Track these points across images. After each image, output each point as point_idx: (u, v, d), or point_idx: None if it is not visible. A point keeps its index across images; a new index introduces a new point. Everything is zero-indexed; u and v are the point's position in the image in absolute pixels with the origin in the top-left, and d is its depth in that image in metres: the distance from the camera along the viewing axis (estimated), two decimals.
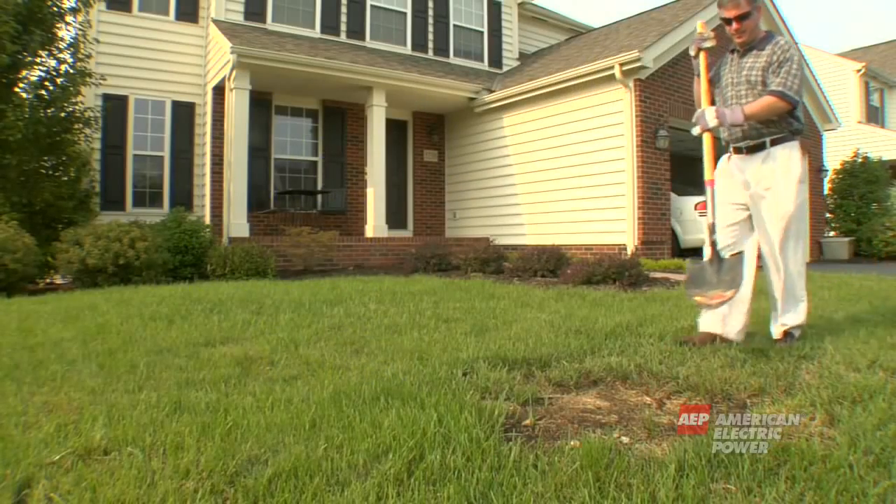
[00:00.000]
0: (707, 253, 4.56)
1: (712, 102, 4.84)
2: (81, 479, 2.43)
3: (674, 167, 13.58)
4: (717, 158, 4.82)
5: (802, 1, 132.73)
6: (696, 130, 4.69)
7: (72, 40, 12.53)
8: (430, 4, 17.67)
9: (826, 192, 20.78)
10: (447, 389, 3.46)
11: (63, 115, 12.13)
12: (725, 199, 4.83)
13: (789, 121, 4.65)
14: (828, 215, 20.84)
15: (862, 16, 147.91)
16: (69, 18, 12.51)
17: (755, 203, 4.70)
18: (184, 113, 14.90)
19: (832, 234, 20.68)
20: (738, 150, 4.83)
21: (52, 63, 12.26)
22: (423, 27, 17.61)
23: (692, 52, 4.85)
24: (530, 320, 5.97)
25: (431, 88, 15.53)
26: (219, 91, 14.11)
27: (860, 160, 21.41)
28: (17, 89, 11.60)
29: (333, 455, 2.59)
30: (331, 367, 4.18)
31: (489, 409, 3.10)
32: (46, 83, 12.02)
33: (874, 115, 29.49)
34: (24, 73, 11.69)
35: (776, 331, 4.76)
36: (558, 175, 14.56)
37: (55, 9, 12.10)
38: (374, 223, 14.59)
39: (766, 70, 4.61)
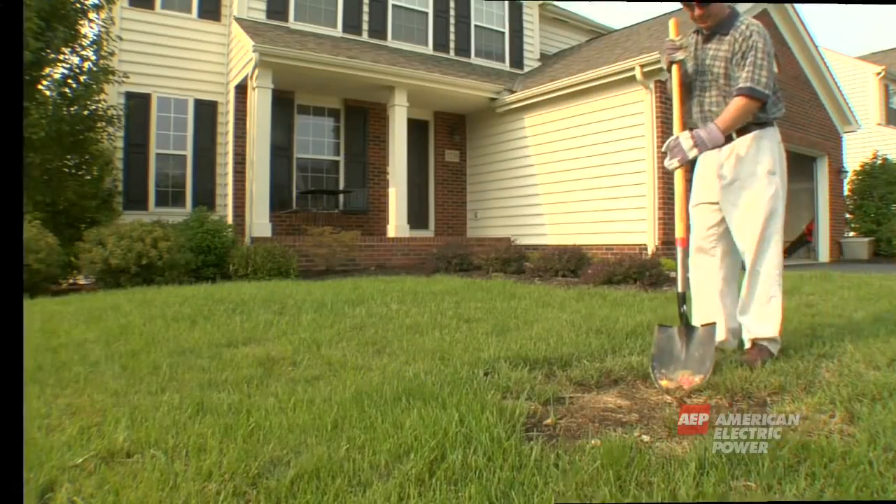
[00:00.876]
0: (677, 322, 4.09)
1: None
2: (104, 482, 2.43)
3: (694, 167, 13.41)
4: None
5: (823, 5, 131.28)
6: (672, 164, 4.18)
7: (95, 37, 12.47)
8: (452, 4, 17.56)
9: (846, 192, 20.69)
10: (469, 389, 3.46)
11: (86, 113, 12.10)
12: (701, 198, 4.50)
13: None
14: (847, 216, 20.77)
15: (883, 20, 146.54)
16: (92, 15, 12.44)
17: (726, 199, 4.31)
18: (206, 111, 14.87)
19: (852, 234, 20.62)
20: None
21: (76, 60, 12.22)
22: (444, 27, 17.52)
23: (664, 65, 4.43)
24: (551, 320, 5.91)
25: (453, 88, 15.47)
26: (241, 90, 14.07)
27: (879, 161, 21.46)
28: (40, 87, 11.56)
29: (355, 455, 2.60)
30: (353, 368, 4.17)
31: (510, 409, 3.09)
32: (69, 81, 11.96)
33: (894, 118, 29.28)
34: (47, 70, 11.64)
35: (746, 340, 4.31)
36: (579, 175, 14.49)
37: (78, 5, 12.04)
38: (396, 223, 14.53)
39: (729, 61, 4.19)
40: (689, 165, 4.28)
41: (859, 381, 3.44)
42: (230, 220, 14.03)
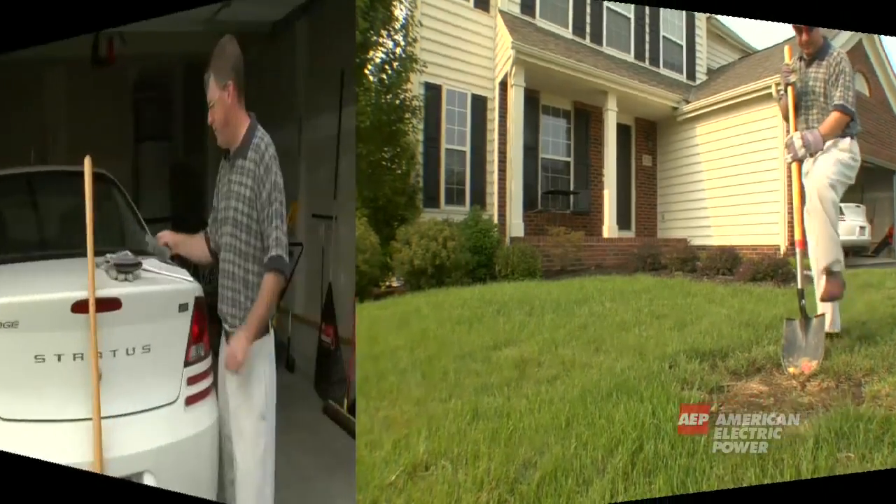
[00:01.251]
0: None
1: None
2: (410, 500, 2.47)
3: None
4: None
5: None
6: (787, 158, 4.37)
7: (403, 21, 9.86)
8: (647, 12, 15.45)
9: None
10: (658, 382, 3.49)
11: (397, 102, 9.56)
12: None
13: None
14: None
15: None
16: None
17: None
18: (479, 107, 12.07)
19: None
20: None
21: (390, 45, 9.58)
22: (641, 35, 15.38)
23: (781, 87, 4.52)
24: (714, 315, 5.87)
25: (650, 97, 13.80)
26: (503, 87, 11.79)
27: None
28: (366, 71, 8.91)
29: (581, 452, 2.65)
30: (580, 366, 4.19)
31: (687, 399, 3.17)
32: (386, 66, 9.41)
33: None
34: (370, 53, 9.04)
35: (821, 282, 4.32)
36: (731, 182, 13.65)
37: None
38: (609, 224, 12.91)
39: (826, 82, 4.30)
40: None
41: None
42: (495, 219, 11.64)
